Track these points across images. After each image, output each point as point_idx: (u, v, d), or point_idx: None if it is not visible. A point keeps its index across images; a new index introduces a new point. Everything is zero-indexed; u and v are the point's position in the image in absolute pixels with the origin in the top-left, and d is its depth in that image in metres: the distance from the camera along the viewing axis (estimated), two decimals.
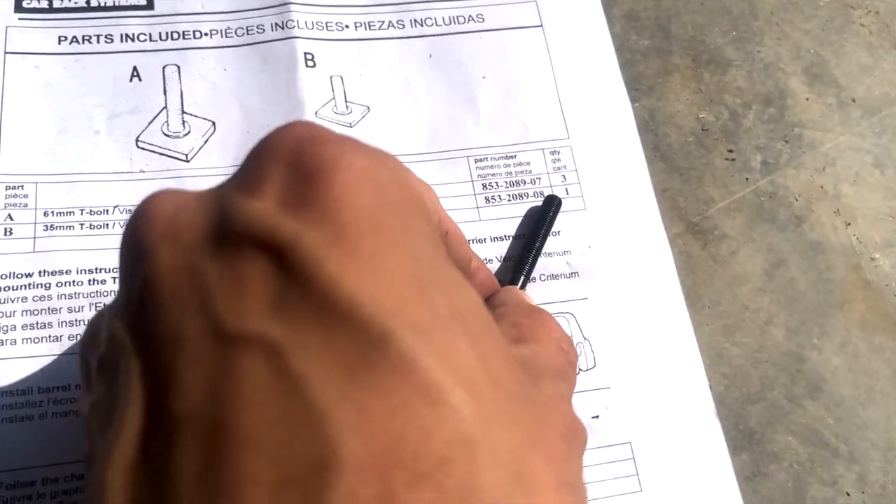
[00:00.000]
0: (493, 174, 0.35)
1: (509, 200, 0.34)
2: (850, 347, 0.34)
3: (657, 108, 0.37)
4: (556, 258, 0.33)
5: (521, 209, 0.34)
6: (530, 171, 0.35)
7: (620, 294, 0.33)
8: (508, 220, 0.34)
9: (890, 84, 0.39)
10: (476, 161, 0.35)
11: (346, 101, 0.35)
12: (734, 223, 0.35)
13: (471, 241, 0.33)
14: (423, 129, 0.35)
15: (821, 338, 0.34)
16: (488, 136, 0.35)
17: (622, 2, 0.39)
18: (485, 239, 0.33)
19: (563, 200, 0.34)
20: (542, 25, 0.38)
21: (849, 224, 0.36)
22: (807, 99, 0.38)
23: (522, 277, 0.31)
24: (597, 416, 0.30)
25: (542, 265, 0.33)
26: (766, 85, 0.39)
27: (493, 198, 0.34)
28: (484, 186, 0.34)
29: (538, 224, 0.33)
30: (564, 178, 0.35)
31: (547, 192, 0.34)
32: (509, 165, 0.35)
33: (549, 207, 0.33)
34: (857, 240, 0.36)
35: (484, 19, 0.38)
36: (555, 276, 0.33)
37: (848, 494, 0.31)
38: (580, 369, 0.31)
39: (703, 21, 0.40)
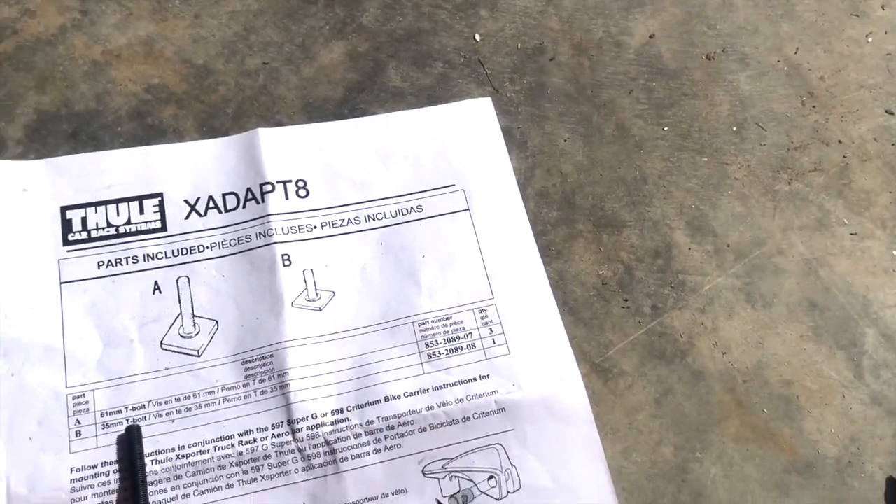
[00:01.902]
0: (433, 334, 0.44)
1: (447, 354, 0.44)
2: (725, 458, 0.42)
3: (565, 269, 0.47)
4: (486, 398, 0.42)
5: (456, 360, 0.43)
6: (463, 328, 0.44)
7: (539, 424, 0.42)
8: (446, 371, 0.43)
9: (759, 228, 0.48)
10: (419, 325, 0.44)
11: (315, 290, 0.45)
12: (630, 361, 0.44)
13: (415, 393, 0.42)
14: (378, 304, 0.45)
15: (702, 452, 0.42)
16: (429, 303, 0.45)
17: (535, 181, 0.49)
18: (427, 389, 0.43)
19: (492, 349, 0.43)
20: (469, 209, 0.48)
21: (724, 353, 0.45)
22: (689, 249, 0.48)
23: None
24: None
25: (475, 405, 0.42)
26: (655, 240, 0.48)
27: (433, 353, 0.44)
28: (426, 345, 0.44)
29: (130, 456, 0.39)
30: (491, 331, 0.44)
31: (477, 345, 0.44)
32: (446, 325, 0.45)
33: (133, 437, 0.40)
34: (731, 366, 0.44)
35: (423, 209, 0.48)
36: (485, 414, 0.42)
37: None
38: (508, 491, 0.40)
39: (603, 190, 0.49)
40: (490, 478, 0.40)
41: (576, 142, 0.50)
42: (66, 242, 0.45)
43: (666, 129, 0.51)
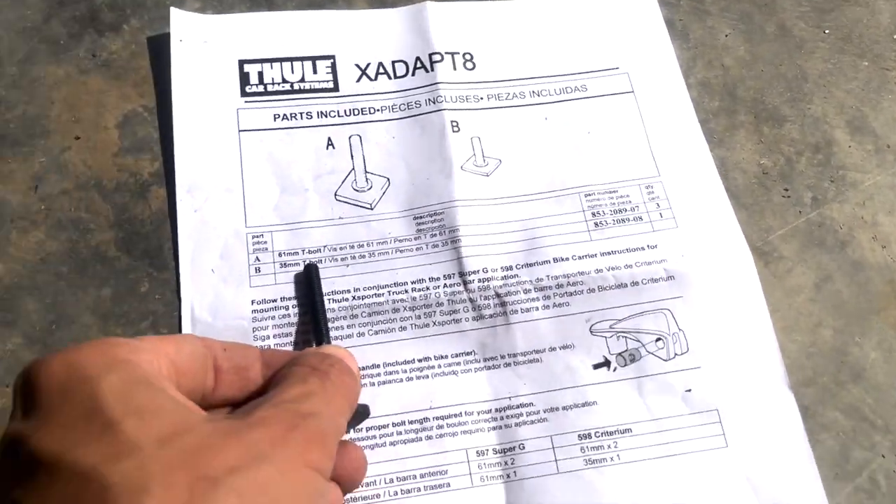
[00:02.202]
0: (599, 205, 0.45)
1: (614, 224, 0.44)
2: (885, 344, 0.43)
3: (726, 157, 0.47)
4: (655, 265, 0.43)
5: (623, 230, 0.44)
6: (630, 202, 0.45)
7: (708, 292, 0.42)
8: (613, 239, 0.44)
9: None
10: (586, 196, 0.45)
11: (483, 157, 0.46)
12: (790, 247, 0.45)
13: (583, 257, 0.43)
14: (543, 174, 0.46)
15: (861, 337, 0.43)
16: (594, 176, 0.46)
17: (696, 71, 0.49)
18: (595, 254, 0.43)
19: (659, 222, 0.44)
20: (633, 92, 0.48)
21: (884, 247, 0.45)
22: (849, 146, 0.48)
23: (319, 337, 0.40)
24: (689, 390, 0.40)
25: (644, 271, 0.43)
26: (815, 136, 0.48)
27: (600, 223, 0.44)
28: (593, 214, 0.45)
29: (310, 291, 0.41)
30: (658, 206, 0.45)
31: (644, 217, 0.44)
32: (612, 198, 0.45)
33: (311, 273, 0.41)
34: (891, 259, 0.45)
35: (587, 89, 0.48)
36: (653, 280, 0.43)
37: (883, 456, 0.40)
38: (675, 353, 0.41)
39: (763, 85, 0.49)
40: (658, 340, 0.41)
41: (737, 38, 0.51)
42: (243, 94, 0.47)
43: (826, 32, 0.51)
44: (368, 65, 0.48)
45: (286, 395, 0.31)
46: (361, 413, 0.37)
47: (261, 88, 0.47)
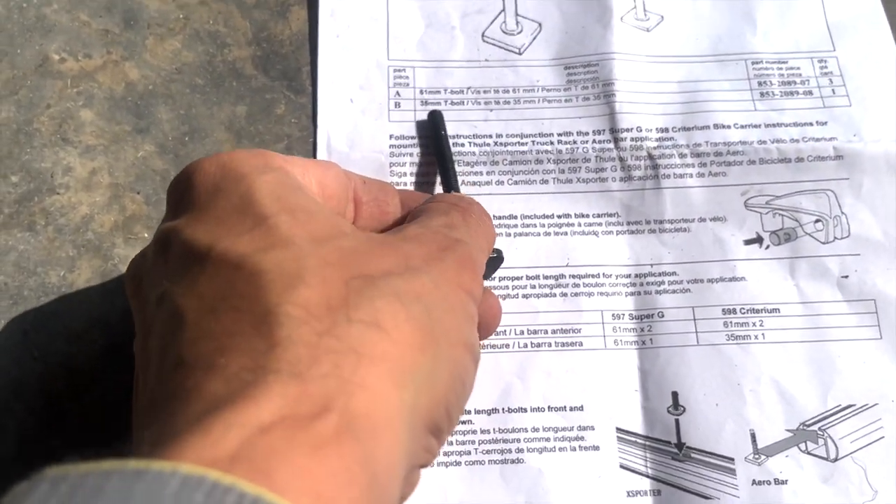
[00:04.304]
0: (767, 74, 0.41)
1: (781, 96, 0.41)
2: None
3: None
4: (823, 143, 0.39)
5: (791, 103, 0.40)
6: (800, 75, 0.42)
7: (878, 178, 0.39)
8: (780, 111, 0.40)
9: None
10: (752, 63, 0.42)
11: (644, 10, 0.42)
12: None
13: (746, 126, 0.40)
14: (708, 36, 0.42)
15: None
16: (763, 44, 0.42)
17: None
18: (759, 124, 0.40)
19: (831, 98, 0.41)
20: None
21: None
22: None
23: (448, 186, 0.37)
24: (846, 276, 0.37)
25: (811, 147, 0.39)
26: None
27: (766, 93, 0.41)
28: (759, 83, 0.41)
29: (437, 139, 0.38)
30: (831, 81, 0.41)
31: (814, 92, 0.41)
32: (781, 69, 0.42)
33: (437, 121, 0.39)
34: None
35: None
36: (820, 158, 0.39)
37: None
38: (835, 237, 0.38)
39: None
40: (817, 221, 0.38)
41: None
42: None
43: None
44: None
45: (433, 222, 0.29)
46: (496, 259, 0.36)
47: None
